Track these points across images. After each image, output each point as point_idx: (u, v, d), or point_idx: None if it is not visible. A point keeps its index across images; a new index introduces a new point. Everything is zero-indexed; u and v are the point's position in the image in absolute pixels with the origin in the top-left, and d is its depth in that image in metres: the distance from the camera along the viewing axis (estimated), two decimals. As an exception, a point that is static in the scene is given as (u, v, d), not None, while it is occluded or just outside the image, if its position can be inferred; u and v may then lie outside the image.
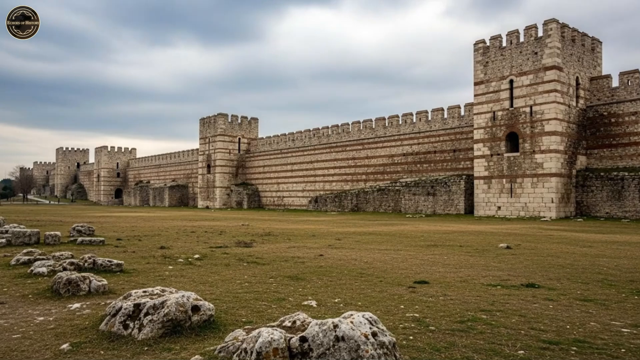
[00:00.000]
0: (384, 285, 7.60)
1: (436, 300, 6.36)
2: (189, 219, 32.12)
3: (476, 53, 38.69)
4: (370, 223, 28.15)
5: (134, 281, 7.75)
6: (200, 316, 4.85)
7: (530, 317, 5.47)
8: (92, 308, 5.79)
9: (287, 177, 65.10)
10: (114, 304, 4.94)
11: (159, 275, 8.36)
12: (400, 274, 8.74)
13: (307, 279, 8.14)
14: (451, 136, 45.77)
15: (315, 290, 7.15)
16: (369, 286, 7.49)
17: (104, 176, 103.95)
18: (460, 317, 5.41)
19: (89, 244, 13.35)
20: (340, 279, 8.18)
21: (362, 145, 54.57)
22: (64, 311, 5.67)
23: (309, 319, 4.28)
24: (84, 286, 6.53)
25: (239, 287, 7.37)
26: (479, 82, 38.39)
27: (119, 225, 24.56)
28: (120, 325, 4.60)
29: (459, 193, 41.80)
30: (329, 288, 7.31)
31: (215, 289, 7.12)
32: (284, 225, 25.78)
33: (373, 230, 21.71)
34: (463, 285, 7.57)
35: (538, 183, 34.34)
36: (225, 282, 7.75)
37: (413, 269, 9.27)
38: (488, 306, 6.03)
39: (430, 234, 19.32)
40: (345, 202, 52.01)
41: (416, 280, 7.91)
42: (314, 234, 18.73)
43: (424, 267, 9.53)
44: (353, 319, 3.64)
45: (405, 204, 45.94)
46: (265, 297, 6.54)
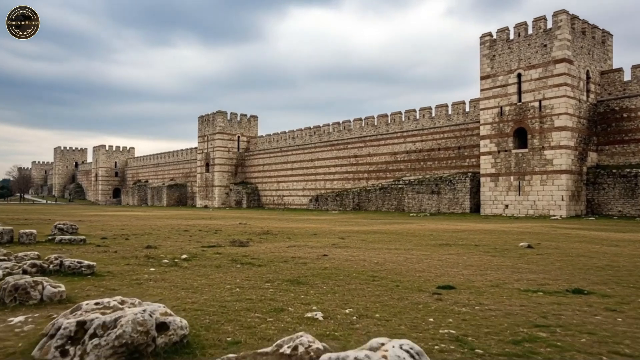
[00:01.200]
0: (402, 290, 6.36)
1: (472, 312, 5.12)
2: (185, 218, 30.87)
3: (482, 46, 37.43)
4: (374, 222, 26.90)
5: (104, 286, 6.50)
6: (168, 337, 3.61)
7: (603, 335, 4.23)
8: (37, 323, 4.54)
9: (287, 175, 63.82)
10: (55, 321, 3.70)
11: (136, 279, 7.11)
12: (419, 276, 7.49)
13: (310, 283, 6.90)
14: (456, 133, 44.51)
15: (320, 297, 5.91)
16: (384, 292, 6.25)
17: (101, 176, 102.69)
18: (513, 336, 4.16)
19: (68, 243, 12.11)
20: (349, 283, 6.94)
21: (363, 142, 53.31)
22: (1, 327, 4.43)
23: (316, 342, 3.04)
24: (34, 293, 5.28)
25: (229, 293, 6.12)
26: (485, 76, 37.13)
27: (110, 223, 23.32)
28: (57, 351, 3.36)
29: (464, 191, 40.56)
30: (337, 295, 6.06)
31: (199, 296, 5.87)
32: (284, 223, 24.53)
33: (378, 229, 20.47)
34: (497, 292, 6.32)
35: (547, 180, 33.07)
36: (213, 287, 6.50)
37: (432, 271, 8.03)
38: (540, 319, 4.79)
39: (439, 233, 18.07)
40: (347, 201, 50.76)
41: (440, 285, 6.66)
42: (315, 233, 17.48)
43: (444, 269, 8.29)
44: (386, 352, 2.39)
45: (409, 202, 44.68)
46: (260, 307, 5.30)
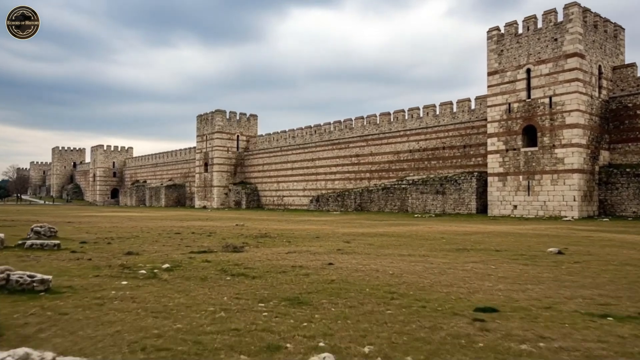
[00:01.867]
0: (432, 315, 5.00)
1: (539, 352, 3.75)
2: (180, 219, 29.51)
3: (490, 41, 36.05)
4: (378, 223, 25.55)
5: (53, 309, 5.13)
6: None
7: None
8: None
9: (288, 175, 62.46)
10: None
11: (98, 298, 5.74)
12: (447, 293, 6.13)
13: (314, 303, 5.54)
14: (461, 131, 43.14)
15: (328, 325, 4.55)
16: (410, 317, 4.89)
17: (99, 176, 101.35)
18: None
19: (39, 249, 10.75)
20: (363, 302, 5.58)
21: (365, 141, 51.94)
22: None
23: None
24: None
25: (210, 319, 4.76)
26: (492, 72, 35.75)
27: (99, 225, 21.96)
28: None
29: (470, 191, 39.18)
30: (350, 322, 4.70)
31: (170, 325, 4.51)
32: (283, 225, 23.16)
33: (383, 231, 19.11)
34: (554, 316, 4.96)
35: (558, 180, 31.68)
36: (192, 310, 5.14)
37: (461, 285, 6.66)
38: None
39: (451, 236, 16.71)
40: (348, 201, 49.39)
41: (478, 307, 5.29)
42: (317, 236, 16.12)
43: (474, 283, 6.92)
44: None
45: (413, 203, 43.31)
46: (248, 344, 3.93)
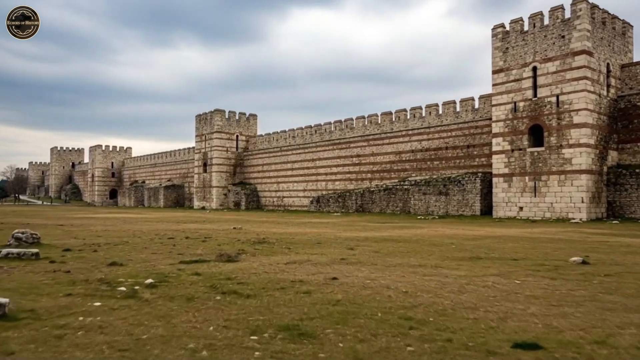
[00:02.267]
0: (462, 353, 4.08)
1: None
2: (177, 221, 28.60)
3: (494, 38, 35.13)
4: (381, 226, 24.65)
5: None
6: None
7: None
8: None
9: (288, 176, 61.56)
10: None
11: (61, 327, 4.82)
12: (474, 320, 5.21)
13: (318, 335, 4.62)
14: (464, 131, 42.22)
15: (336, 370, 3.63)
16: (435, 356, 3.97)
17: (98, 176, 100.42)
18: None
19: (16, 258, 9.83)
20: (376, 333, 4.66)
21: (367, 141, 51.03)
22: None
23: None
24: None
25: (190, 361, 3.85)
26: (497, 70, 34.82)
27: (90, 228, 21.04)
28: None
29: (474, 192, 38.29)
30: (363, 364, 3.78)
31: (138, 372, 3.60)
32: (283, 228, 22.25)
33: (388, 234, 18.21)
34: (611, 356, 4.04)
35: (566, 181, 30.77)
36: (168, 346, 4.22)
37: (488, 309, 5.74)
38: None
39: (460, 240, 15.80)
40: (349, 202, 48.48)
41: (516, 342, 4.36)
42: (319, 241, 15.20)
43: (501, 304, 6.00)
44: None
45: (415, 204, 42.41)
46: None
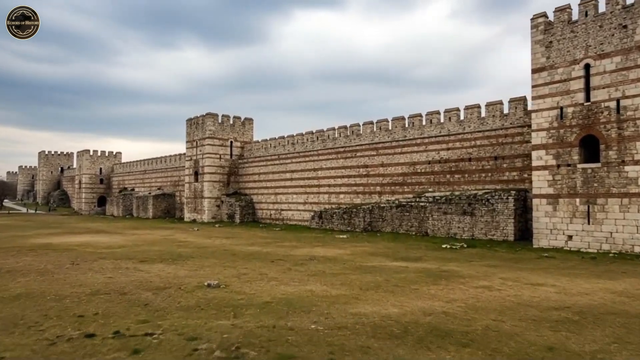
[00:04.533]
0: None
1: None
2: (150, 244, 22.60)
3: (534, 30, 29.26)
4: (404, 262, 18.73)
5: None
6: None
7: None
8: None
9: (287, 187, 55.67)
10: None
11: None
12: None
13: None
14: (492, 139, 36.35)
15: None
16: None
17: (85, 183, 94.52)
18: None
19: None
20: None
21: (375, 150, 45.18)
22: None
23: None
24: None
25: None
26: (538, 69, 28.93)
27: (5, 281, 15.10)
28: None
29: (506, 214, 32.39)
30: None
31: None
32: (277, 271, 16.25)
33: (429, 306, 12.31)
34: None
35: (630, 206, 24.85)
36: None
37: None
38: None
39: (560, 315, 9.86)
40: (356, 219, 42.55)
41: None
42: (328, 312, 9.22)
43: None
44: None
45: (434, 224, 36.50)
46: None
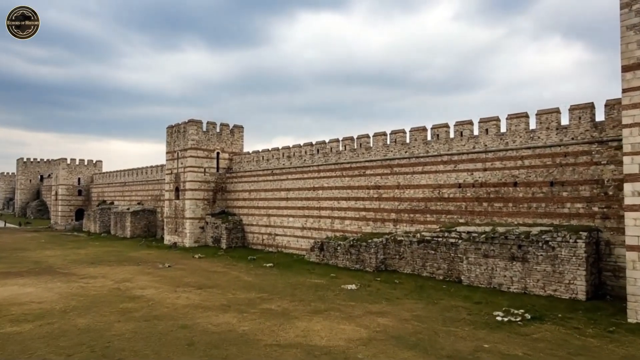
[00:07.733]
0: None
1: None
2: (66, 326, 14.08)
3: (626, 11, 20.82)
4: None
5: None
6: None
7: None
8: None
9: (281, 207, 47.14)
10: None
11: None
12: None
13: None
14: (545, 159, 27.91)
15: None
16: None
17: (62, 194, 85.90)
18: None
19: None
20: None
21: (389, 167, 36.71)
22: None
23: None
24: None
25: None
26: (631, 66, 20.48)
27: None
28: None
29: (574, 262, 23.87)
30: None
31: None
32: None
33: None
34: None
35: None
36: None
37: None
38: None
39: None
40: (367, 255, 33.93)
41: None
42: None
43: None
44: None
45: (470, 269, 27.95)
46: None
